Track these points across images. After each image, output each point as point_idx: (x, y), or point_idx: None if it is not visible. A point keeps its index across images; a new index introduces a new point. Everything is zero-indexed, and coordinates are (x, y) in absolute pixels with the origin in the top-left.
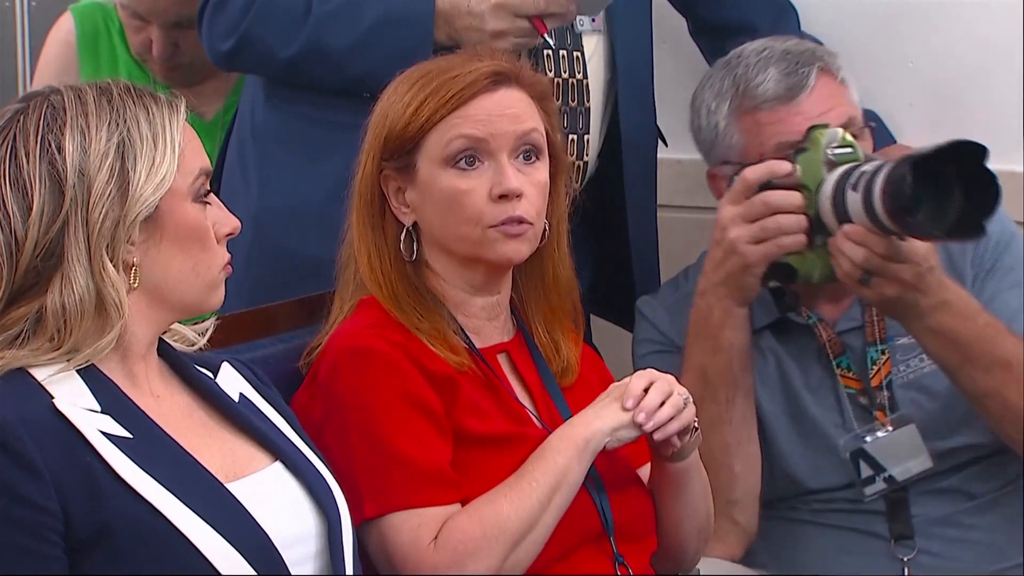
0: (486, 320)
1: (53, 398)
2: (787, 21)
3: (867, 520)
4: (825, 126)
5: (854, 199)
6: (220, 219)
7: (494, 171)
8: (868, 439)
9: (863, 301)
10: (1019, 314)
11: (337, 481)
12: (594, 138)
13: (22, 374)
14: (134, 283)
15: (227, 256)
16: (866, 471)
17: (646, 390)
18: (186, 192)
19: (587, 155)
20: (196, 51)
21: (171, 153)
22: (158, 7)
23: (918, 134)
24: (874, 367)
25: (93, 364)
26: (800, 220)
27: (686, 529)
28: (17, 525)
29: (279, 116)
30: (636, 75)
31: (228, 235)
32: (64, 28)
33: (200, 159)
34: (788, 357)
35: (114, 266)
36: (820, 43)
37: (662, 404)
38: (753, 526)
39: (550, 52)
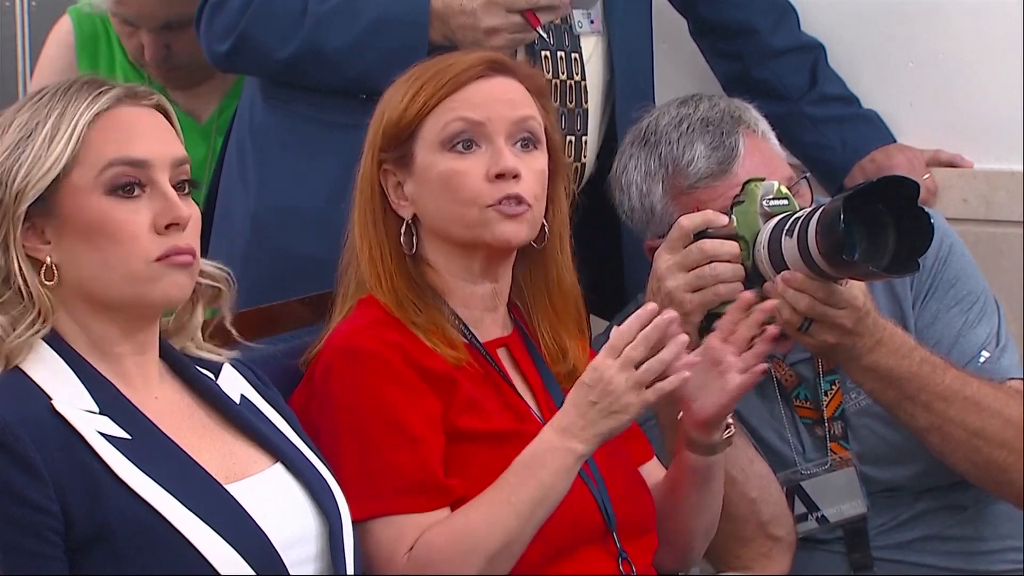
0: (486, 311)
1: (52, 399)
2: (787, 22)
3: (827, 553)
4: (761, 179)
5: (790, 245)
6: (162, 209)
7: (491, 153)
8: (806, 476)
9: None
10: (962, 335)
11: None
12: (592, 139)
13: (20, 375)
14: (50, 280)
15: (170, 246)
16: (800, 508)
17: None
18: (91, 185)
19: (585, 156)
20: (189, 53)
21: (64, 145)
22: (144, 12)
23: (918, 134)
24: (826, 397)
25: (90, 364)
26: (737, 269)
27: (699, 524)
28: (17, 526)
29: (277, 116)
30: (635, 76)
31: (171, 225)
32: (63, 30)
33: (124, 150)
34: (751, 393)
35: (16, 257)
36: (818, 43)
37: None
38: (793, 535)
39: (548, 53)
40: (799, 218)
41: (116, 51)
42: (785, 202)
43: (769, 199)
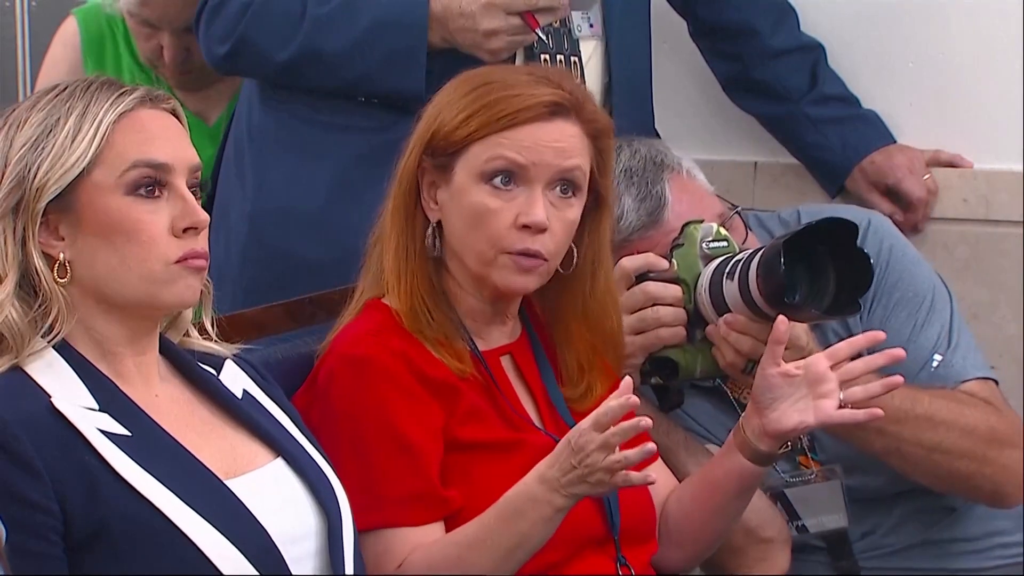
0: (494, 322)
1: (51, 397)
2: (787, 22)
3: (815, 563)
4: (700, 221)
5: (731, 289)
6: (181, 213)
7: (525, 199)
8: (790, 483)
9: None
10: (912, 341)
11: None
12: None
13: (19, 374)
14: (62, 277)
15: (188, 250)
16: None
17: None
18: (112, 185)
19: None
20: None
21: (88, 143)
22: (168, 14)
23: (918, 134)
24: None
25: (91, 362)
26: (679, 313)
27: (723, 528)
28: (16, 525)
29: (275, 117)
30: (633, 79)
31: (189, 229)
32: (69, 31)
33: (147, 152)
34: (715, 411)
35: (34, 252)
36: (818, 43)
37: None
38: (785, 532)
39: (547, 56)
40: (739, 260)
41: (123, 52)
42: (724, 244)
43: (709, 241)
